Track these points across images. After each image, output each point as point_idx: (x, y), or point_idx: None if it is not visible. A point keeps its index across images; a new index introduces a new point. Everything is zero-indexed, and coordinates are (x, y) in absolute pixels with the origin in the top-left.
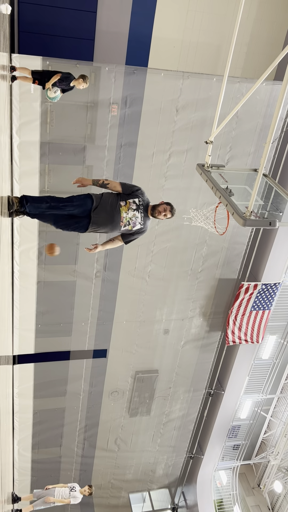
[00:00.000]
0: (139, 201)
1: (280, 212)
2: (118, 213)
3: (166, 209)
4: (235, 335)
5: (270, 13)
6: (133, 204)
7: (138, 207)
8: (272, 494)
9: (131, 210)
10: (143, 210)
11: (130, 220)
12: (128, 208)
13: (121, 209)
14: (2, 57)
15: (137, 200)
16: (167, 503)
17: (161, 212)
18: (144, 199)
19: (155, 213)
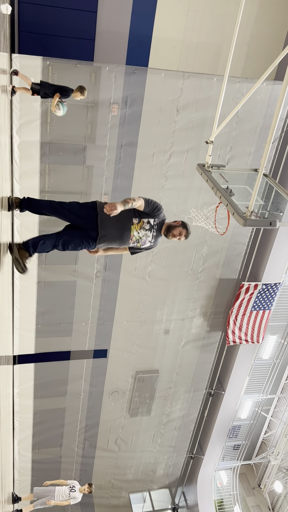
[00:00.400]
0: (154, 221)
1: (281, 212)
2: (128, 230)
3: (181, 233)
4: (236, 335)
5: (270, 13)
6: (146, 224)
7: (151, 227)
8: (272, 494)
9: (143, 230)
10: (157, 229)
11: (140, 239)
12: (140, 227)
13: (133, 227)
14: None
15: (152, 221)
16: (168, 503)
17: (176, 235)
18: (160, 218)
19: (169, 236)
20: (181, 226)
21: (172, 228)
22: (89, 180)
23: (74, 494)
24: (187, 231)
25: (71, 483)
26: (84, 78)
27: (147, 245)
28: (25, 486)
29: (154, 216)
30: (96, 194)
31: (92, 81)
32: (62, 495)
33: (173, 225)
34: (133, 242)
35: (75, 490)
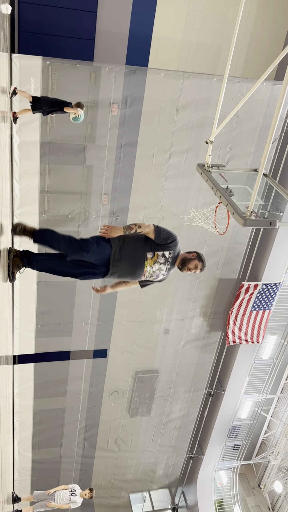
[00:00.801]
0: (169, 254)
1: (281, 212)
2: (141, 266)
3: (197, 267)
4: (235, 335)
5: (270, 13)
6: (161, 258)
7: (166, 260)
8: (272, 494)
9: (157, 264)
10: (171, 262)
11: (154, 273)
12: (154, 261)
13: (146, 263)
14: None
15: (167, 254)
16: (167, 503)
17: (191, 269)
18: (176, 251)
19: (184, 269)
20: (196, 259)
21: (188, 261)
22: (89, 180)
23: (74, 499)
24: (203, 264)
25: (72, 487)
26: (84, 78)
27: (160, 278)
28: (25, 486)
29: (170, 248)
30: (96, 194)
31: (92, 81)
32: (62, 499)
33: (189, 258)
34: (146, 277)
35: (76, 494)
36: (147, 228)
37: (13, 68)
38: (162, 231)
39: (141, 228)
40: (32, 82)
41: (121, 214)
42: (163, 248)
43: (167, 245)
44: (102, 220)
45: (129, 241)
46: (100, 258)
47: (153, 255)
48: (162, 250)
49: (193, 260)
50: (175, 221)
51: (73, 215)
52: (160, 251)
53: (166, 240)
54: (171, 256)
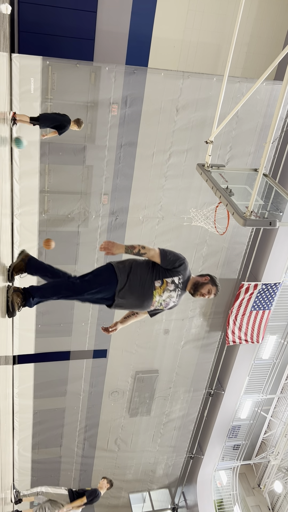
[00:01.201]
0: (179, 280)
1: (280, 212)
2: (150, 296)
3: (210, 291)
4: (235, 335)
5: (270, 13)
6: (171, 285)
7: (176, 287)
8: (272, 494)
9: (167, 291)
10: (182, 288)
11: (163, 301)
12: (164, 289)
13: (155, 292)
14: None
15: (176, 279)
16: (167, 503)
17: (204, 294)
18: (186, 275)
19: (197, 295)
20: (210, 283)
21: (200, 286)
22: (89, 180)
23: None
24: (217, 288)
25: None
26: (83, 78)
27: (171, 305)
28: (25, 486)
29: (179, 273)
30: (96, 194)
31: (92, 81)
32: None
33: (201, 282)
34: (155, 307)
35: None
36: (151, 251)
37: (13, 68)
38: (168, 254)
39: (145, 249)
40: (32, 82)
41: (121, 214)
42: (172, 274)
43: (175, 270)
44: (102, 220)
45: (136, 271)
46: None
47: (161, 283)
48: (171, 276)
49: (206, 285)
50: (175, 221)
51: (73, 215)
52: (168, 277)
53: (173, 264)
54: (181, 282)
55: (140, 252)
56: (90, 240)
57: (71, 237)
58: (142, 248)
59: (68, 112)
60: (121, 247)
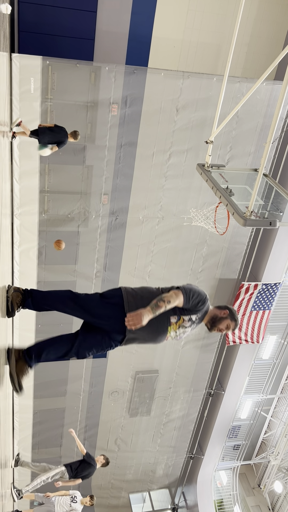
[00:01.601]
0: (197, 317)
1: (281, 212)
2: (164, 332)
3: (229, 327)
4: (235, 335)
5: (270, 13)
6: (187, 322)
7: (192, 323)
8: (272, 494)
9: (182, 327)
10: (198, 322)
11: (177, 336)
12: (179, 325)
13: (170, 328)
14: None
15: (194, 317)
16: (167, 503)
17: (222, 330)
18: (204, 310)
19: (214, 330)
20: (229, 318)
21: (218, 321)
22: (88, 180)
23: (75, 506)
24: (236, 323)
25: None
26: (83, 78)
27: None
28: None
29: (198, 312)
30: (96, 194)
31: (92, 81)
32: (62, 506)
33: (220, 317)
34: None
35: (76, 501)
36: (177, 300)
37: (13, 68)
38: (192, 295)
39: (170, 303)
40: (32, 82)
41: (121, 214)
42: (191, 312)
43: (195, 309)
44: (102, 220)
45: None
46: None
47: (178, 319)
48: (188, 314)
49: (225, 320)
50: (175, 221)
51: (73, 215)
52: (186, 315)
53: (196, 306)
54: (198, 317)
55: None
56: (90, 240)
57: (71, 237)
58: (168, 303)
59: (68, 112)
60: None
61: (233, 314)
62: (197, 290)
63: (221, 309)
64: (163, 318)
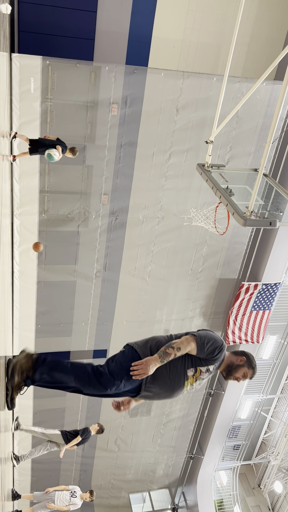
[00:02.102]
0: (215, 367)
1: (281, 212)
2: (181, 387)
3: (246, 375)
4: (236, 335)
5: (270, 13)
6: (205, 373)
7: (210, 373)
8: (272, 494)
9: (199, 380)
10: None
11: (193, 388)
12: (196, 378)
13: (187, 383)
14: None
15: (212, 367)
16: (167, 503)
17: (239, 379)
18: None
19: (230, 378)
20: (246, 366)
21: (235, 369)
22: (88, 180)
23: (74, 500)
24: (253, 371)
25: (72, 488)
26: (83, 77)
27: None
28: (25, 486)
29: (216, 361)
30: (96, 194)
31: (92, 81)
32: (62, 501)
33: (236, 365)
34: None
35: (76, 496)
36: (188, 347)
37: (13, 67)
38: (206, 343)
39: (181, 350)
40: (32, 81)
41: (121, 214)
42: (207, 362)
43: (212, 359)
44: (102, 220)
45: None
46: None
47: (195, 371)
48: (206, 365)
49: (242, 368)
50: (175, 221)
51: (73, 215)
52: (203, 366)
53: (212, 354)
54: (216, 367)
55: (177, 355)
56: (90, 240)
57: (71, 237)
58: (178, 350)
59: (68, 112)
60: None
61: (250, 361)
62: (213, 337)
63: (237, 355)
64: (180, 372)
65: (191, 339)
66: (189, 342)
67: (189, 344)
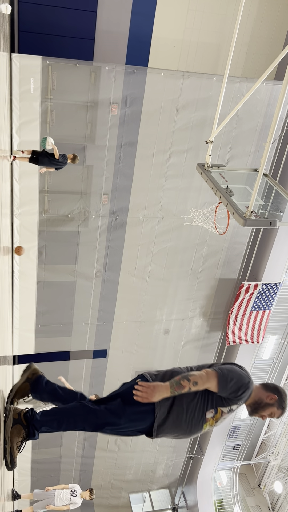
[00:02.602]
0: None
1: (281, 212)
2: (198, 430)
3: (273, 415)
4: (236, 335)
5: (270, 13)
6: (227, 414)
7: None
8: (272, 494)
9: (220, 421)
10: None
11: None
12: (217, 419)
13: (206, 425)
14: (2, 56)
15: (235, 407)
16: (167, 503)
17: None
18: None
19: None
20: (275, 405)
21: (262, 407)
22: (89, 180)
23: (74, 499)
24: (282, 412)
25: (72, 486)
26: (83, 77)
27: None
28: (25, 486)
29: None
30: (96, 194)
31: (92, 81)
32: (62, 500)
33: (265, 403)
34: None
35: (76, 495)
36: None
37: (13, 67)
38: (229, 381)
39: (197, 385)
40: (32, 81)
41: (121, 214)
42: (230, 402)
43: (236, 398)
44: (102, 220)
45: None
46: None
47: (215, 412)
48: (228, 405)
49: (270, 407)
50: (175, 221)
51: (73, 215)
52: (225, 406)
53: (236, 393)
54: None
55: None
56: (90, 240)
57: (71, 237)
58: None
59: (68, 112)
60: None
61: (282, 401)
62: (237, 373)
63: (268, 391)
64: (198, 415)
65: (212, 375)
66: (209, 377)
67: (209, 380)
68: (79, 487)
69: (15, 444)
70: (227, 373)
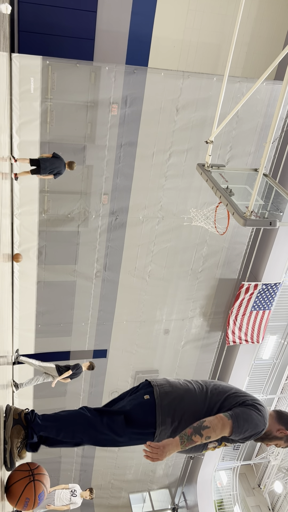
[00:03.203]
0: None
1: (281, 212)
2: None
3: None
4: (236, 335)
5: (271, 13)
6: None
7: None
8: (272, 494)
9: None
10: None
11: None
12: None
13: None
14: (2, 56)
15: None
16: (167, 503)
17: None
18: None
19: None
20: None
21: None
22: (89, 179)
23: (74, 499)
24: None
25: (72, 486)
26: (83, 77)
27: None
28: None
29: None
30: (96, 194)
31: (92, 81)
32: (62, 500)
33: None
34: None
35: (76, 495)
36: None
37: (13, 67)
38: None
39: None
40: (32, 81)
41: (121, 214)
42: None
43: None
44: (102, 220)
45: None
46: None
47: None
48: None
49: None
50: (175, 221)
51: (73, 215)
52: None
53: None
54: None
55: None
56: (90, 240)
57: (71, 237)
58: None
59: (68, 112)
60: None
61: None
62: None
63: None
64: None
65: (227, 425)
66: (224, 428)
67: (223, 431)
68: (79, 487)
69: (14, 445)
70: (243, 424)
